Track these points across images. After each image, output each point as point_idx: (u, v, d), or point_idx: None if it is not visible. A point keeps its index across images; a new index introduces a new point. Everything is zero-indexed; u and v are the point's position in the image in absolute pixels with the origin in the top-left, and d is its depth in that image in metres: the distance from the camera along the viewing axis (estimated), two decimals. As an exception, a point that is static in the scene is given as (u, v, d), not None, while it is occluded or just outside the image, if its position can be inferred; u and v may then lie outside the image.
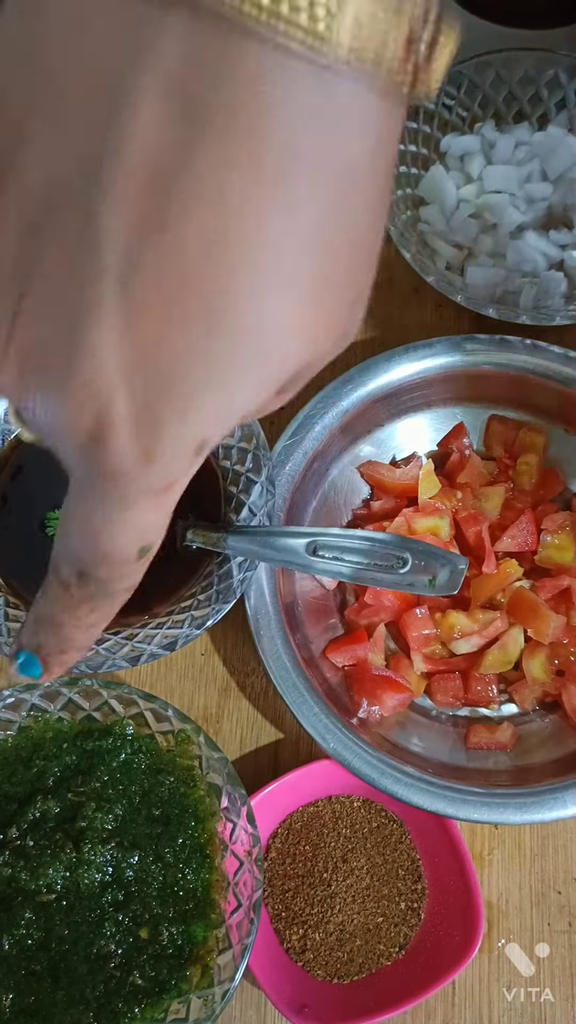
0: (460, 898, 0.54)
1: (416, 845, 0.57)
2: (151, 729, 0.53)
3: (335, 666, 0.58)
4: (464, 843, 0.54)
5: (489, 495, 0.61)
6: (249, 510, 0.54)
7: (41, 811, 0.50)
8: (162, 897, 0.49)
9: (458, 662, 0.59)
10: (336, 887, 0.55)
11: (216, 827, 0.51)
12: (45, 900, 0.49)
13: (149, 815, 0.51)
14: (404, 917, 0.55)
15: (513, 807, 0.52)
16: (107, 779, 0.51)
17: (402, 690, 0.57)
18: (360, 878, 0.56)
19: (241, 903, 0.49)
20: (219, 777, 0.51)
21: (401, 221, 0.62)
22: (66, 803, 0.50)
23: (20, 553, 0.54)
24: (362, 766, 0.52)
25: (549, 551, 0.59)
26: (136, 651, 0.51)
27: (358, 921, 0.55)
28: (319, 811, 0.57)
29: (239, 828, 0.50)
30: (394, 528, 0.58)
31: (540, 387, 0.60)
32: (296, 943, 0.55)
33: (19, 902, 0.49)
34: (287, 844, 0.57)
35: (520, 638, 0.58)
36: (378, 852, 0.57)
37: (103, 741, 0.52)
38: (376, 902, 0.56)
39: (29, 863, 0.49)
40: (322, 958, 0.55)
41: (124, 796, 0.51)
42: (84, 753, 0.52)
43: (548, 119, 0.67)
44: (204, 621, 0.51)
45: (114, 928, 0.49)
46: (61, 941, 0.48)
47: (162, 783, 0.52)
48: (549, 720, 0.58)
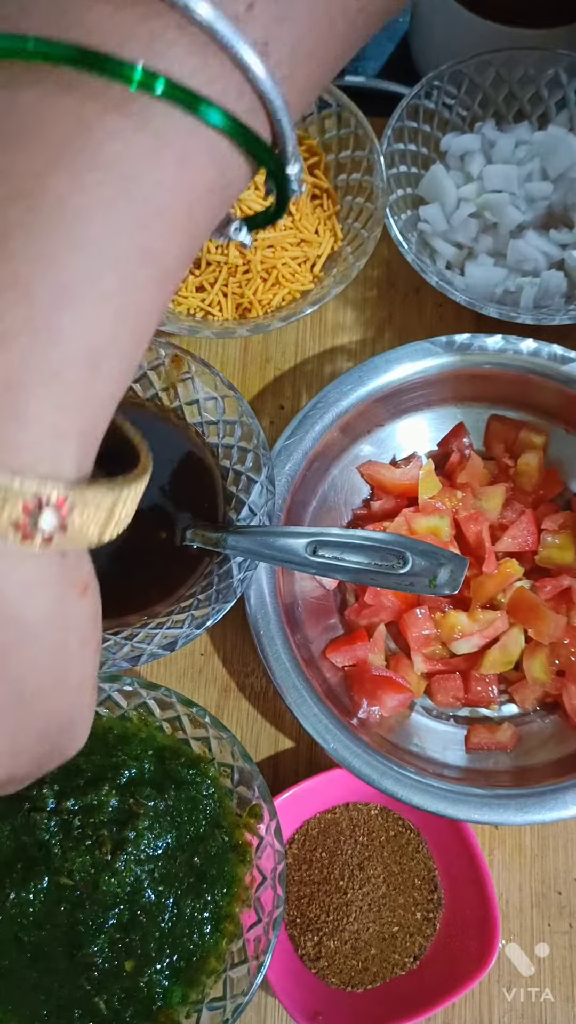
0: (476, 910, 0.54)
1: (433, 855, 0.56)
2: (230, 785, 0.52)
3: (335, 666, 0.58)
4: (482, 855, 0.54)
5: (489, 495, 0.61)
6: (249, 509, 0.54)
7: (100, 801, 0.50)
8: (161, 942, 0.49)
9: (458, 662, 0.59)
10: (352, 895, 0.55)
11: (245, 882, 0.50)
12: (63, 883, 0.49)
13: (189, 861, 0.51)
14: (419, 927, 0.55)
15: (514, 807, 0.51)
16: (171, 805, 0.51)
17: (402, 690, 0.57)
18: (376, 886, 0.56)
19: (261, 918, 0.48)
20: (249, 791, 0.51)
21: (401, 221, 0.62)
22: (126, 806, 0.50)
23: None
24: (362, 767, 0.52)
25: (549, 551, 0.59)
26: (136, 651, 0.50)
27: (373, 930, 0.55)
28: (336, 818, 0.57)
29: (265, 843, 0.50)
30: (394, 528, 0.58)
31: (540, 387, 0.60)
32: (310, 950, 0.55)
33: (40, 870, 0.49)
34: (304, 850, 0.57)
35: (520, 638, 0.58)
36: (395, 861, 0.56)
37: (185, 769, 0.52)
38: (392, 911, 0.55)
39: (66, 841, 0.49)
40: (336, 966, 0.54)
41: (178, 830, 0.51)
42: (163, 770, 0.52)
43: (548, 118, 0.67)
44: (204, 621, 0.51)
45: (107, 945, 0.48)
46: (56, 928, 0.48)
47: (216, 839, 0.51)
48: (550, 720, 0.58)
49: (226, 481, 0.56)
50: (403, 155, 0.65)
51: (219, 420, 0.56)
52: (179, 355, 0.56)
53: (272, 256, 0.62)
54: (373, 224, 0.61)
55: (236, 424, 0.55)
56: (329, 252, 0.64)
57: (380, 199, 0.61)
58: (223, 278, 0.62)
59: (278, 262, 0.62)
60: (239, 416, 0.55)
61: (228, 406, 0.56)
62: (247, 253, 0.61)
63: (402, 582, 0.48)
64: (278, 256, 0.62)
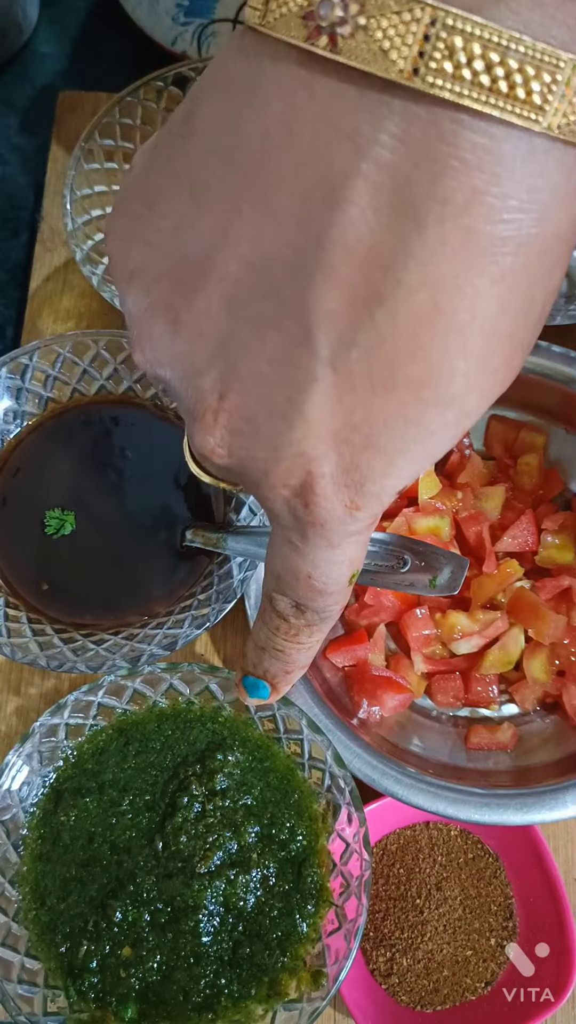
0: (554, 944, 0.53)
1: (511, 882, 0.56)
2: (320, 788, 0.52)
3: (335, 666, 0.58)
4: (563, 888, 0.53)
5: (489, 495, 0.61)
6: (249, 509, 0.54)
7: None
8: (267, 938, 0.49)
9: (458, 662, 0.59)
10: (428, 914, 0.55)
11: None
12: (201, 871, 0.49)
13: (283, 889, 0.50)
14: (493, 953, 0.54)
15: (513, 807, 0.52)
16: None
17: (402, 690, 0.57)
18: (453, 908, 0.55)
19: (342, 925, 0.48)
20: (341, 797, 0.50)
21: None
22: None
23: (19, 553, 0.54)
24: (363, 767, 0.52)
25: (550, 551, 0.59)
26: (136, 651, 0.50)
27: (447, 952, 0.54)
28: (416, 835, 0.57)
29: (351, 850, 0.49)
30: (394, 528, 0.58)
31: (540, 387, 0.60)
32: (382, 965, 0.54)
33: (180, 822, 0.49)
34: (381, 865, 0.56)
35: (520, 638, 0.58)
36: (472, 884, 0.56)
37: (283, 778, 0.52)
38: (467, 935, 0.55)
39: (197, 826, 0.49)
40: (407, 984, 0.54)
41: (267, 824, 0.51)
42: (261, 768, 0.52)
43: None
44: (204, 621, 0.51)
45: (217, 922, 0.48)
46: (185, 910, 0.48)
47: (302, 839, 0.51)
48: (550, 720, 0.58)
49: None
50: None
51: None
52: None
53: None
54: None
55: None
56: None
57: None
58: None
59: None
60: None
61: None
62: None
63: (402, 582, 0.48)
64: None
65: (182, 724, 0.52)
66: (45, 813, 0.50)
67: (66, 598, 0.54)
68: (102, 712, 0.52)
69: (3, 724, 0.59)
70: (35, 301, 0.68)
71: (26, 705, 0.59)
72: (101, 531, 0.54)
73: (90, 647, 0.51)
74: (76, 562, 0.54)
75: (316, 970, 0.47)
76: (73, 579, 0.54)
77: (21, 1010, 0.45)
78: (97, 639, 0.52)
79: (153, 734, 0.52)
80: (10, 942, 0.47)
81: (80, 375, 0.58)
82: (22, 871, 0.49)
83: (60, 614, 0.53)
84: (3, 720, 0.59)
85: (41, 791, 0.51)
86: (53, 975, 0.47)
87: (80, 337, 0.57)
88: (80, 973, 0.47)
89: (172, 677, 0.52)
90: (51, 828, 0.50)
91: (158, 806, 0.50)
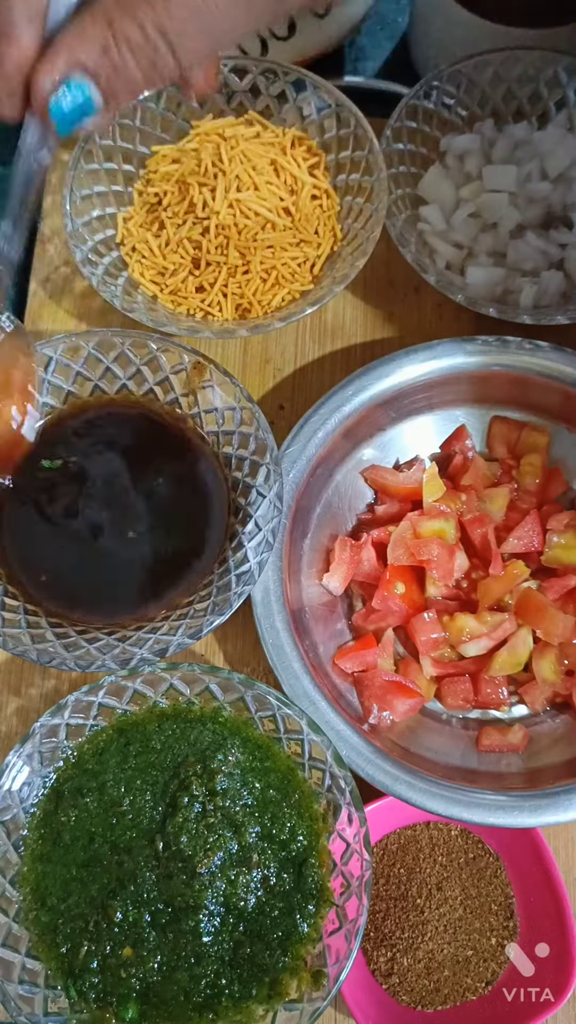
0: (554, 944, 0.53)
1: (512, 882, 0.56)
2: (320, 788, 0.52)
3: (344, 672, 0.58)
4: (564, 888, 0.53)
5: (494, 497, 0.60)
6: (255, 524, 0.54)
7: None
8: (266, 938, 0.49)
9: (467, 665, 0.58)
10: (428, 914, 0.54)
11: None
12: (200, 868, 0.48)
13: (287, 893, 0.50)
14: (493, 953, 0.54)
15: (528, 810, 0.51)
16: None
17: (413, 695, 0.57)
18: (453, 908, 0.55)
19: (342, 925, 0.48)
20: (341, 797, 0.50)
21: (401, 221, 0.62)
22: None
23: (26, 542, 0.55)
24: (375, 772, 0.52)
25: (555, 551, 0.59)
26: (127, 654, 0.50)
27: (448, 952, 0.54)
28: (416, 835, 0.56)
29: (352, 850, 0.49)
30: (399, 532, 0.58)
31: (542, 387, 0.60)
32: (383, 965, 0.54)
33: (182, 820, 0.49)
34: (382, 864, 0.56)
35: (529, 639, 0.57)
36: (473, 884, 0.55)
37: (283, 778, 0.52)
38: (467, 935, 0.54)
39: (199, 824, 0.49)
40: (408, 984, 0.53)
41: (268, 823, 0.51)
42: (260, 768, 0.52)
43: (548, 118, 0.67)
44: (198, 632, 0.51)
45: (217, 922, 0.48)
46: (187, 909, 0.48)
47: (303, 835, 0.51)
48: (560, 720, 0.58)
49: (235, 493, 0.56)
50: (402, 155, 0.65)
51: (235, 431, 0.56)
52: (201, 363, 0.56)
53: (272, 256, 0.62)
54: (373, 224, 0.61)
55: (251, 437, 0.55)
56: (329, 252, 0.64)
57: (380, 199, 0.61)
58: (223, 278, 0.62)
59: (278, 262, 0.62)
60: (255, 429, 0.55)
61: (245, 417, 0.56)
62: (247, 254, 0.61)
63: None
64: (278, 256, 0.62)
65: (182, 724, 0.52)
66: (46, 813, 0.50)
67: (62, 592, 0.54)
68: (102, 712, 0.52)
69: (3, 725, 0.59)
70: (35, 301, 0.68)
71: (26, 706, 0.59)
72: (103, 531, 0.55)
73: (82, 644, 0.51)
74: (77, 560, 0.54)
75: (317, 970, 0.47)
76: (72, 574, 0.54)
77: (22, 1010, 0.45)
78: (90, 637, 0.52)
79: (153, 734, 0.52)
80: (11, 942, 0.47)
81: (103, 372, 0.58)
82: (23, 871, 0.49)
83: (55, 607, 0.54)
84: (3, 721, 0.59)
85: (42, 791, 0.51)
86: (54, 975, 0.47)
87: (106, 335, 0.57)
88: (81, 973, 0.47)
89: (172, 677, 0.52)
90: (52, 828, 0.50)
91: (158, 806, 0.50)
